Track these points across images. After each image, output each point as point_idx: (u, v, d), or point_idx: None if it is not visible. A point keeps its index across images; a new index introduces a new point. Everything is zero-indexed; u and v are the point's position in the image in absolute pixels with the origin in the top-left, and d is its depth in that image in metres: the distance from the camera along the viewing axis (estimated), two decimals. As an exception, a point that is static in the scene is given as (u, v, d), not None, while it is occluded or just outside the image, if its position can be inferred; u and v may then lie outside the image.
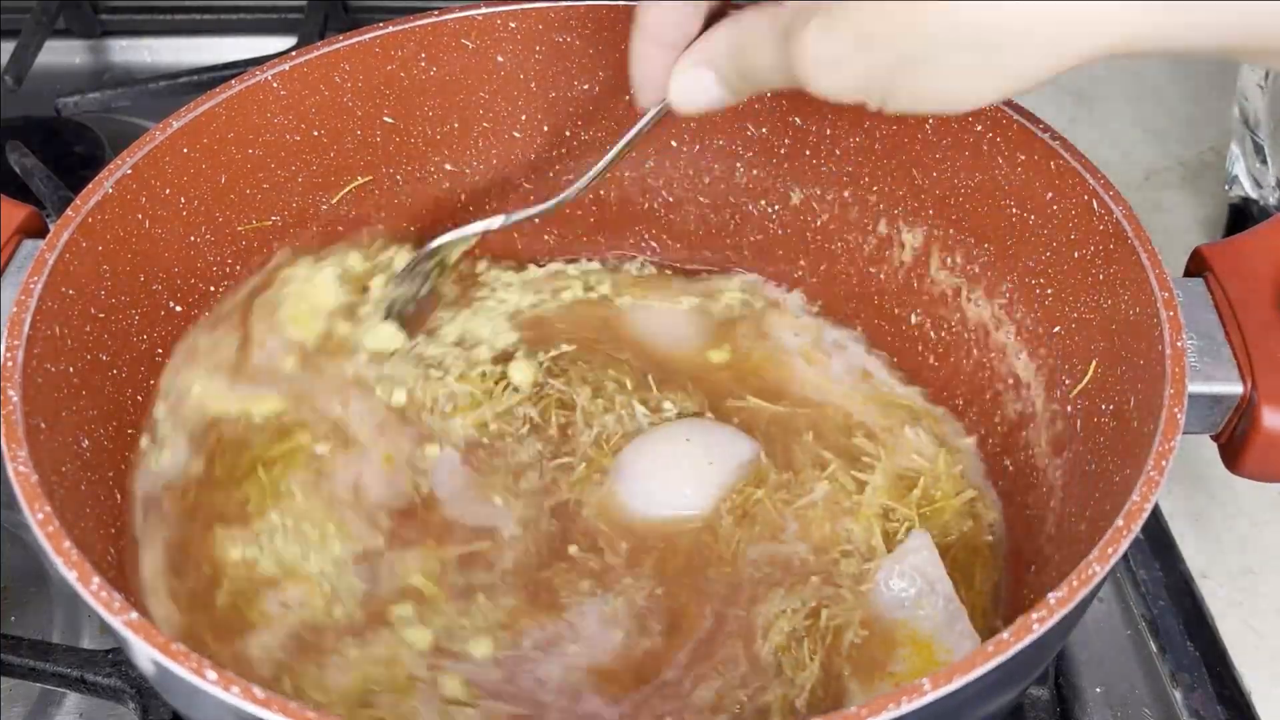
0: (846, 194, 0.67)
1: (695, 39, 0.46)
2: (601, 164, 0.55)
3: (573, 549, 0.58)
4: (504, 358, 0.65)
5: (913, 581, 0.54)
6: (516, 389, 0.64)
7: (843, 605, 0.54)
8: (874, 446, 0.61)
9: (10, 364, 0.46)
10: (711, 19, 0.47)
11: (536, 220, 0.60)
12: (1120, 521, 0.42)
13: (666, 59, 0.47)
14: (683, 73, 0.46)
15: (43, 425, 0.47)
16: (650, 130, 0.53)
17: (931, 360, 0.66)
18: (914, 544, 0.55)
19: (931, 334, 0.65)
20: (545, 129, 0.69)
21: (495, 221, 0.59)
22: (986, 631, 0.54)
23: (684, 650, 0.53)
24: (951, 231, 0.63)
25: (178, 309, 0.59)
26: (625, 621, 0.55)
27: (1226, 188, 0.82)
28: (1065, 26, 0.36)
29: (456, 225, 0.61)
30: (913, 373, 0.66)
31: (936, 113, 0.48)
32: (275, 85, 0.61)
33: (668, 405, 0.63)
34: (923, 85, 0.38)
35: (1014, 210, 0.59)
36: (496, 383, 0.64)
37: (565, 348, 0.66)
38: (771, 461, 0.61)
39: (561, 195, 0.57)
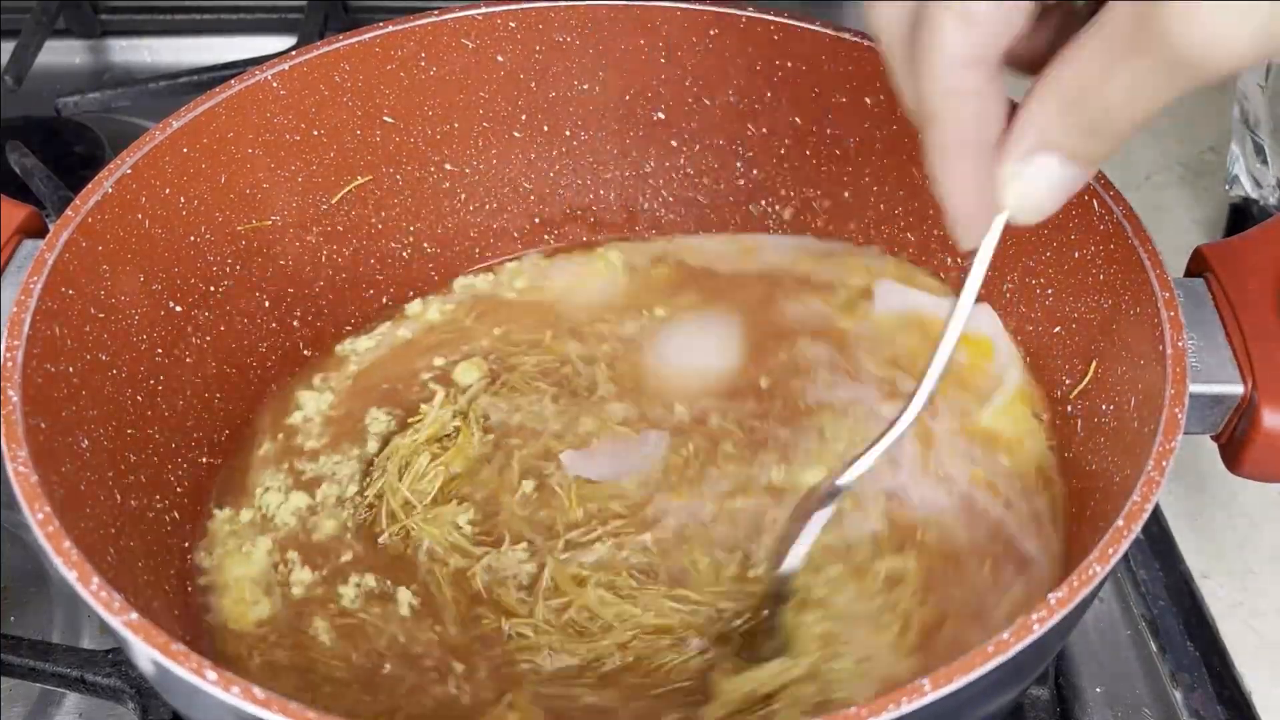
0: (847, 194, 0.67)
1: (1008, 124, 0.37)
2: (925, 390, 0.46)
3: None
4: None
5: None
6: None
7: None
8: None
9: (10, 364, 0.46)
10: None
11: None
12: (1120, 521, 0.42)
13: (982, 167, 0.37)
14: (1017, 170, 0.36)
15: (43, 425, 0.47)
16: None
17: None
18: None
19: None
20: (545, 129, 0.69)
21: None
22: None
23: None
24: (951, 231, 0.63)
25: (178, 309, 0.59)
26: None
27: (1226, 188, 0.82)
28: None
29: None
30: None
31: None
32: (275, 85, 0.61)
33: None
34: None
35: (1014, 210, 0.59)
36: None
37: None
38: None
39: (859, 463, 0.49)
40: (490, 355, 0.66)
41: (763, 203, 0.69)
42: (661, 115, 0.68)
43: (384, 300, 0.69)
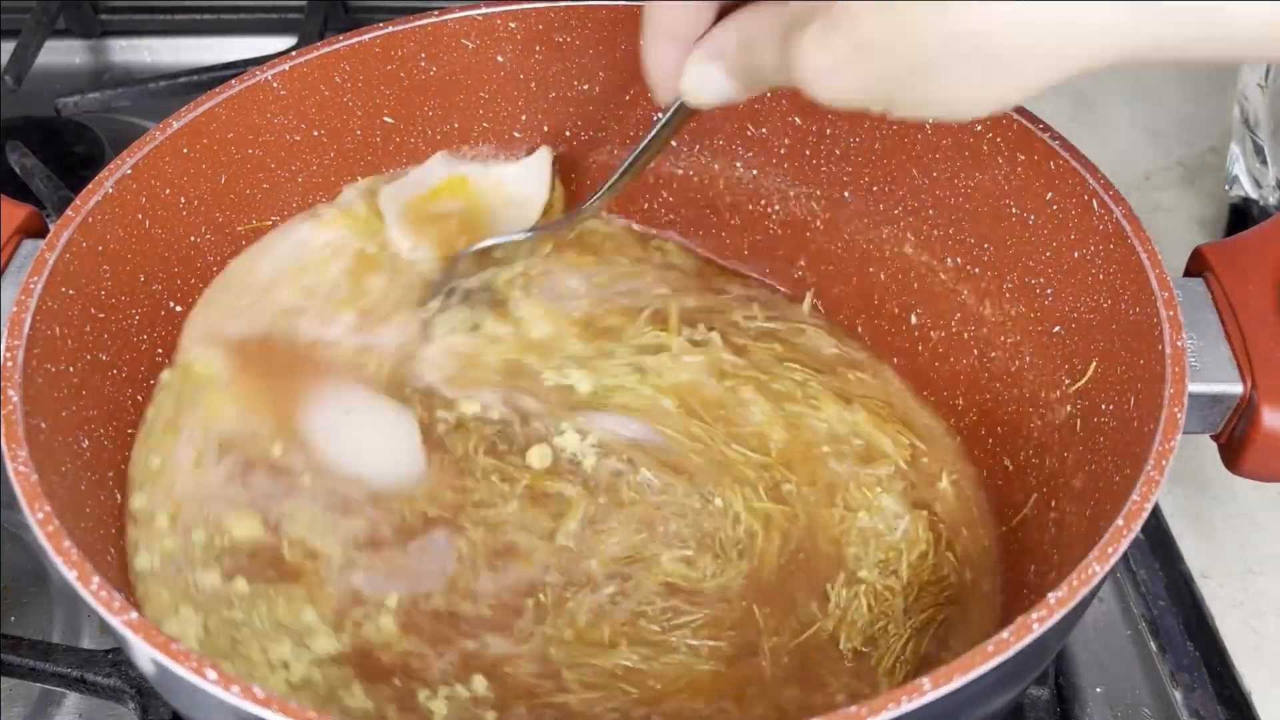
0: (846, 194, 0.67)
1: (706, 33, 0.46)
2: (623, 167, 0.56)
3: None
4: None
5: None
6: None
7: None
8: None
9: (10, 364, 0.46)
10: (723, 15, 0.46)
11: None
12: (1120, 521, 0.42)
13: (679, 54, 0.47)
14: (694, 64, 0.46)
15: (43, 425, 0.47)
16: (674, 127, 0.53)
17: (932, 360, 0.65)
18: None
19: (931, 334, 0.65)
20: (545, 129, 0.69)
21: (519, 235, 0.60)
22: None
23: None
24: (951, 231, 0.63)
25: (178, 309, 0.59)
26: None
27: (1226, 188, 0.82)
28: (1067, 37, 0.35)
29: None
30: (913, 373, 0.66)
31: (942, 120, 0.46)
32: (275, 85, 0.61)
33: None
34: (925, 94, 0.37)
35: (1014, 210, 0.59)
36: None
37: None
38: None
39: (583, 205, 0.58)
40: None
41: (762, 203, 0.69)
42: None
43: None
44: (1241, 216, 0.82)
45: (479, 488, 0.58)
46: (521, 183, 0.66)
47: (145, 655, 0.39)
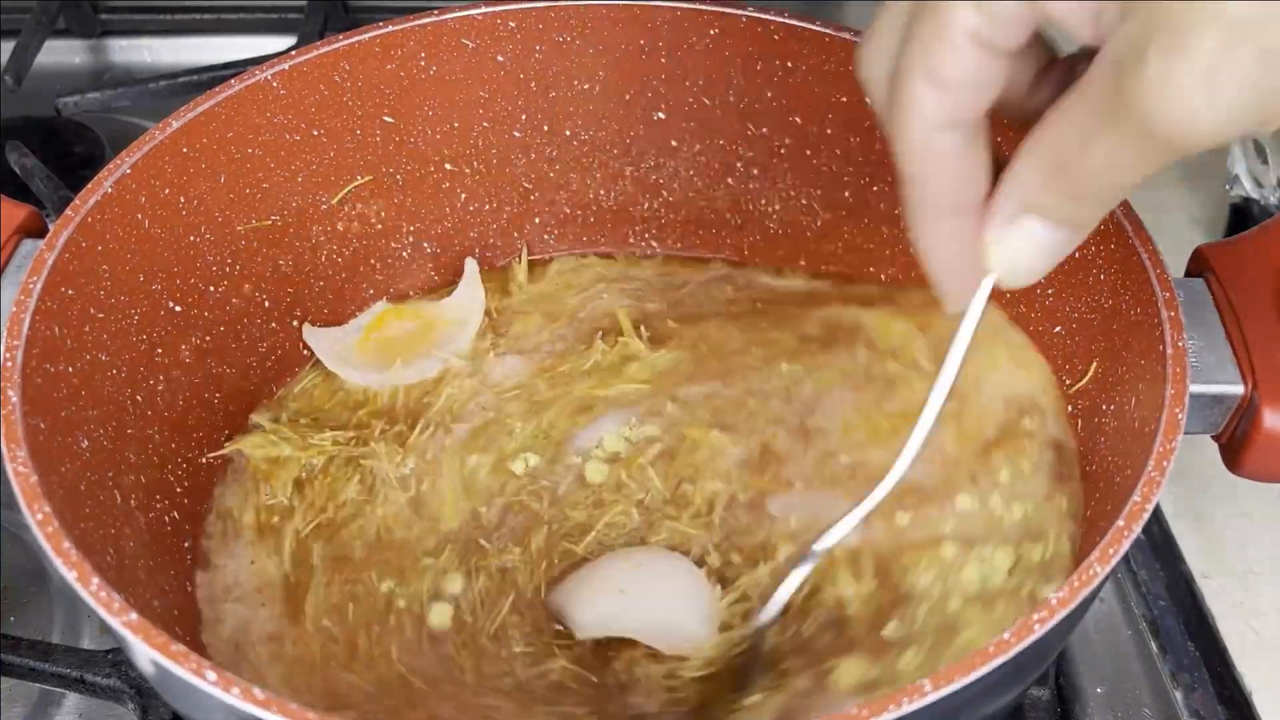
0: (847, 194, 0.67)
1: (994, 189, 0.36)
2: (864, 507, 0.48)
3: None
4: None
5: None
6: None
7: None
8: None
9: (10, 364, 0.46)
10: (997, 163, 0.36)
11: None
12: (1121, 521, 0.42)
13: (965, 230, 0.36)
14: (1001, 232, 0.35)
15: (43, 425, 0.47)
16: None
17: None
18: None
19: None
20: (545, 129, 0.69)
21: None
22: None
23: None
24: (952, 231, 0.63)
25: (177, 309, 0.59)
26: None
27: (1227, 188, 0.82)
28: None
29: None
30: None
31: None
32: (275, 85, 0.61)
33: None
34: None
35: (1014, 210, 0.59)
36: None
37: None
38: None
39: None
40: None
41: (763, 202, 0.69)
42: (661, 115, 0.68)
43: (384, 300, 0.69)
44: (1242, 216, 0.82)
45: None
46: (458, 306, 0.68)
47: (145, 655, 0.39)
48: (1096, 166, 0.31)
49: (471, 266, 0.69)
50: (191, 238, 0.60)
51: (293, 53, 0.61)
